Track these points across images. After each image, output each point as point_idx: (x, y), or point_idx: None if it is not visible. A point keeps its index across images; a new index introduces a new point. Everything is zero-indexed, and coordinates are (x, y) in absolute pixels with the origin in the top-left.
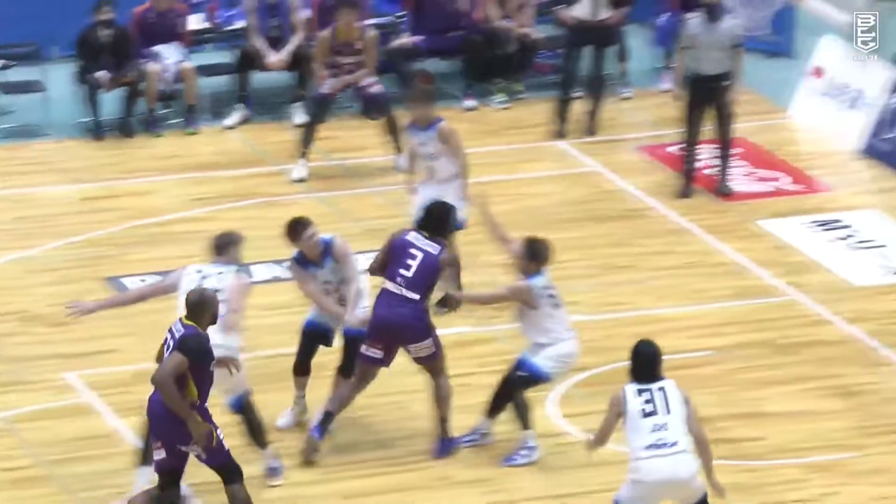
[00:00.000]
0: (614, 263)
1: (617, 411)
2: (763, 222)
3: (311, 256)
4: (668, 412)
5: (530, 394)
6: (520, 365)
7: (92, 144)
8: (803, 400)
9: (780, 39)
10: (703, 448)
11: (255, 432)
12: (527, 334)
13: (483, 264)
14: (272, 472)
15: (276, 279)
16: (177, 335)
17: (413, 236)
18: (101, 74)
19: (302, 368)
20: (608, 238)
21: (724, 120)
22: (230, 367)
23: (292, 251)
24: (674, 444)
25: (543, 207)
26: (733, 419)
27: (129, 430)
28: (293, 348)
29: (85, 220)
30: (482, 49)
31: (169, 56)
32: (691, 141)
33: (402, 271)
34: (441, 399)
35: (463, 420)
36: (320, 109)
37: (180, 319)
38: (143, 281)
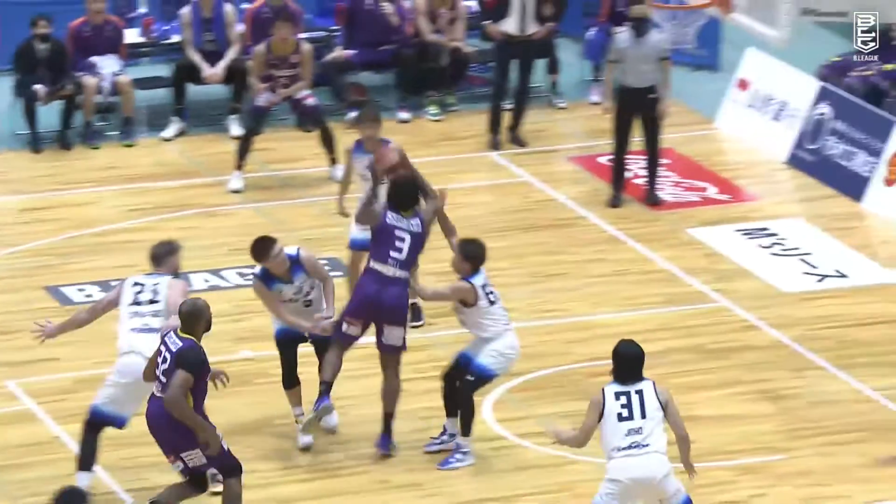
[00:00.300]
0: (547, 271)
1: (597, 413)
2: (692, 231)
3: (279, 273)
4: (644, 416)
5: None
6: (466, 367)
7: (30, 156)
8: (732, 404)
9: (705, 53)
10: (682, 441)
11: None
12: (469, 329)
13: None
14: (215, 476)
15: (214, 288)
16: (172, 348)
17: (393, 217)
18: (39, 87)
19: (290, 381)
20: (541, 247)
21: (652, 131)
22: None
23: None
24: (646, 446)
25: (477, 217)
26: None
27: (70, 436)
28: (232, 355)
29: (25, 230)
30: (415, 62)
31: (106, 67)
32: (621, 152)
33: (393, 253)
34: (392, 394)
35: (400, 425)
36: (256, 122)
37: (175, 331)
38: (81, 290)
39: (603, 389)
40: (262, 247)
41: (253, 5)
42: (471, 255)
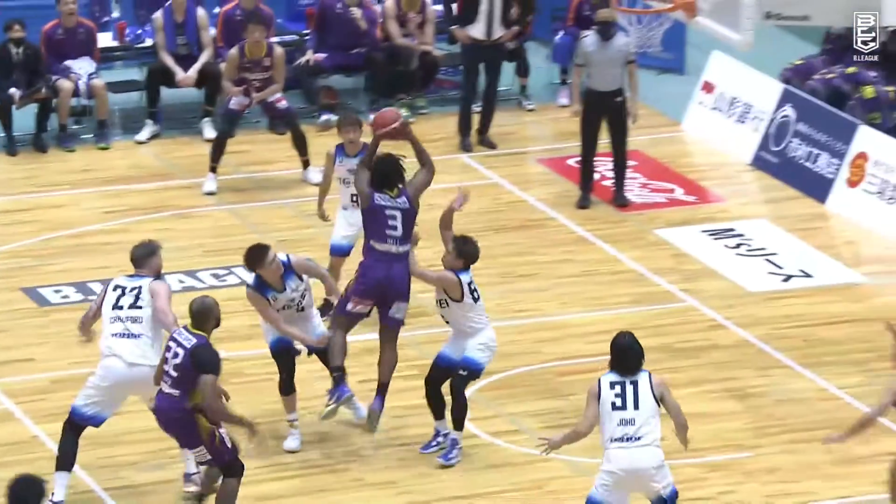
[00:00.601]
0: (517, 272)
1: (596, 401)
2: (659, 231)
3: (272, 281)
4: (637, 408)
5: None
6: (453, 365)
7: (6, 159)
8: (700, 402)
9: (671, 56)
10: (680, 428)
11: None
12: (451, 323)
13: None
14: (190, 475)
15: (189, 289)
16: (186, 344)
17: (380, 198)
18: (14, 91)
19: (288, 388)
20: (511, 247)
21: (619, 133)
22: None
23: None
24: (638, 438)
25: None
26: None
27: (48, 436)
28: None
29: (1, 232)
30: (385, 66)
31: (80, 69)
32: (589, 154)
33: (389, 232)
34: (390, 365)
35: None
36: (229, 124)
37: (186, 328)
38: (57, 292)
39: (599, 379)
40: (256, 254)
41: (225, 8)
42: (465, 252)
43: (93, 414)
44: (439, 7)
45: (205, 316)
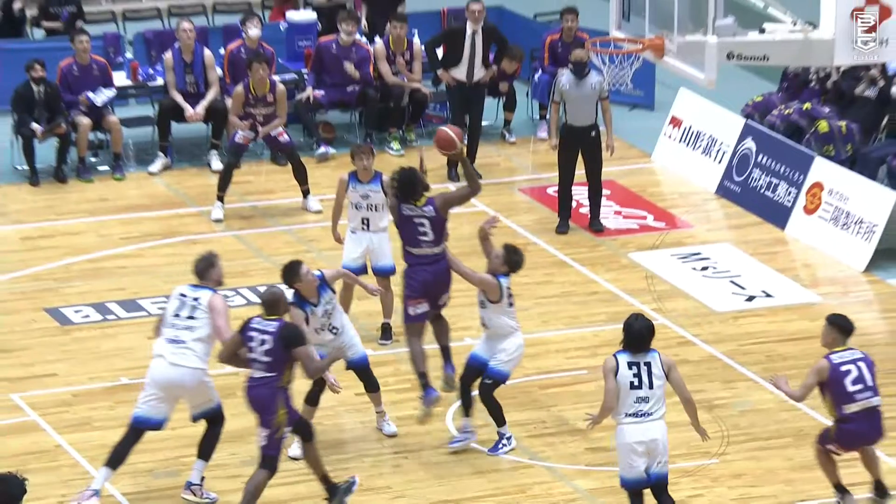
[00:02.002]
0: None
1: (614, 376)
2: (632, 255)
3: (308, 294)
4: (651, 387)
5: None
6: (481, 370)
7: (29, 189)
8: (671, 412)
9: (641, 93)
10: (688, 405)
11: (209, 443)
12: (486, 323)
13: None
14: (191, 485)
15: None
16: (270, 330)
17: (407, 208)
18: (36, 126)
19: (313, 400)
20: None
21: (594, 164)
22: None
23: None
24: (649, 414)
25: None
26: (609, 430)
27: (70, 445)
28: (219, 369)
29: (25, 257)
30: (377, 102)
31: (100, 96)
32: (566, 183)
33: (421, 237)
34: (447, 330)
35: (370, 433)
36: (235, 156)
37: (260, 317)
38: (78, 312)
39: (616, 356)
40: (292, 269)
41: (230, 46)
42: (512, 261)
43: (145, 416)
44: (422, 49)
45: (275, 304)
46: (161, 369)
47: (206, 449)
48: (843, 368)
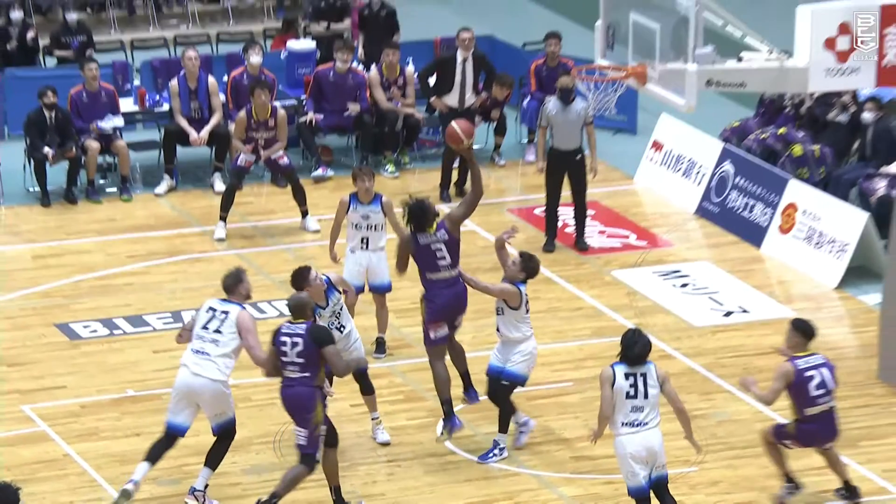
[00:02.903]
0: (490, 308)
1: (610, 385)
2: (615, 272)
3: (317, 297)
4: (646, 397)
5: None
6: (499, 376)
7: (41, 210)
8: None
9: (624, 118)
10: (682, 416)
11: (217, 453)
12: (502, 329)
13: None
14: (194, 490)
15: None
16: (300, 332)
17: (424, 237)
18: (48, 150)
19: None
20: None
21: (579, 186)
22: None
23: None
24: (645, 423)
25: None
26: (591, 445)
27: (78, 454)
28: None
29: (36, 275)
30: (373, 127)
31: (109, 125)
32: (553, 204)
33: (440, 262)
34: (461, 354)
35: (363, 442)
36: (237, 178)
37: (289, 322)
38: (86, 327)
39: (613, 367)
40: (301, 274)
41: (233, 73)
42: (529, 268)
43: (169, 421)
44: (415, 75)
45: (301, 309)
46: (183, 378)
47: (214, 458)
48: (808, 374)
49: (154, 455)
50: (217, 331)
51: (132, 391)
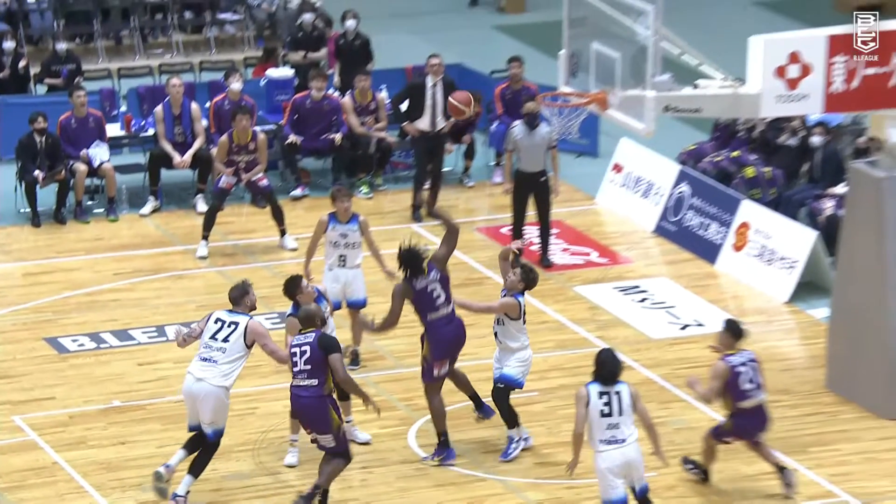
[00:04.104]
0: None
1: (584, 404)
2: (577, 288)
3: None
4: (621, 414)
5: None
6: (497, 378)
7: (31, 230)
8: None
9: (587, 142)
10: (651, 431)
11: (200, 463)
12: (500, 338)
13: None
14: (176, 496)
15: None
16: (308, 340)
17: (419, 281)
18: (38, 173)
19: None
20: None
21: (544, 206)
22: None
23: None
24: (623, 440)
25: (400, 279)
26: (557, 447)
27: (66, 462)
28: None
29: (27, 291)
30: (348, 150)
31: (95, 154)
32: (519, 223)
33: (437, 301)
34: (465, 380)
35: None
36: (218, 200)
37: (300, 332)
38: (74, 341)
39: (587, 386)
40: (293, 283)
41: (215, 99)
42: (528, 279)
43: (189, 424)
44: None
45: (311, 319)
46: (187, 384)
47: (197, 467)
48: (739, 370)
49: (189, 447)
50: (225, 340)
51: (118, 402)
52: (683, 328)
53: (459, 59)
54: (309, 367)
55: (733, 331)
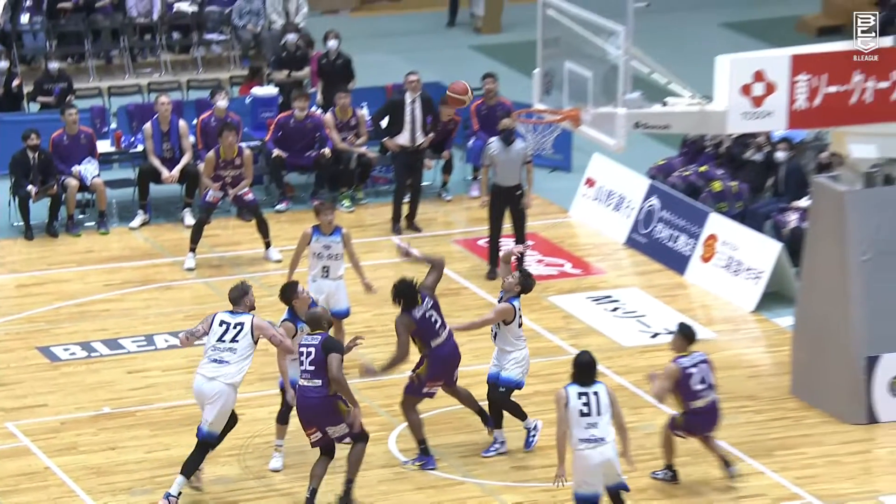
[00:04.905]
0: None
1: (564, 405)
2: (552, 298)
3: (301, 311)
4: (599, 414)
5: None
6: (496, 382)
7: (24, 243)
8: None
9: (560, 157)
10: (622, 432)
11: (192, 463)
12: (497, 341)
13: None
14: (169, 496)
15: (172, 347)
16: (314, 342)
17: (416, 311)
18: (31, 188)
19: (283, 418)
20: None
21: (519, 219)
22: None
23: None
24: (601, 439)
25: (382, 288)
26: (533, 451)
27: (58, 468)
28: (186, 400)
29: (20, 302)
30: (330, 166)
31: (86, 171)
32: (495, 235)
33: (437, 326)
34: (470, 398)
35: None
36: (205, 213)
37: (308, 334)
38: (66, 350)
39: (566, 388)
40: (290, 288)
41: (202, 116)
42: (525, 284)
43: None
44: (367, 117)
45: (318, 321)
46: (198, 384)
47: (189, 466)
48: (690, 371)
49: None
50: (234, 340)
51: (108, 409)
52: (654, 336)
53: (438, 78)
54: (313, 367)
55: (685, 334)
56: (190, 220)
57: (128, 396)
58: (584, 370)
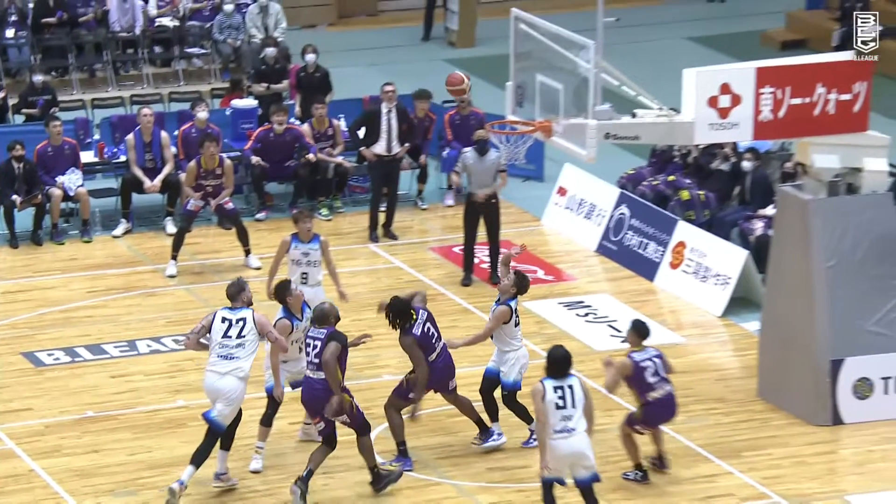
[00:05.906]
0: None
1: (541, 397)
2: (525, 303)
3: (295, 309)
4: (574, 406)
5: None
6: (496, 382)
7: (9, 251)
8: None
9: (533, 167)
10: (590, 423)
11: (203, 451)
12: (495, 342)
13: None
14: (219, 475)
15: (155, 352)
16: (320, 336)
17: (416, 328)
18: (16, 197)
19: (268, 421)
20: None
21: (493, 227)
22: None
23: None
24: (573, 430)
25: (359, 294)
26: (507, 452)
27: (43, 470)
28: (170, 404)
29: (5, 308)
30: (308, 175)
31: (69, 181)
32: (470, 243)
33: (434, 339)
34: (469, 406)
35: (299, 458)
36: (187, 222)
37: (314, 327)
38: (50, 355)
39: (542, 381)
40: (284, 286)
41: (183, 128)
42: (520, 285)
43: (208, 416)
44: (343, 128)
45: (325, 316)
46: (210, 381)
47: (199, 456)
48: (643, 365)
49: (226, 438)
50: (240, 335)
51: (91, 412)
52: (624, 341)
53: (413, 89)
54: (318, 360)
55: (638, 330)
56: (171, 228)
57: (111, 400)
58: (559, 364)
